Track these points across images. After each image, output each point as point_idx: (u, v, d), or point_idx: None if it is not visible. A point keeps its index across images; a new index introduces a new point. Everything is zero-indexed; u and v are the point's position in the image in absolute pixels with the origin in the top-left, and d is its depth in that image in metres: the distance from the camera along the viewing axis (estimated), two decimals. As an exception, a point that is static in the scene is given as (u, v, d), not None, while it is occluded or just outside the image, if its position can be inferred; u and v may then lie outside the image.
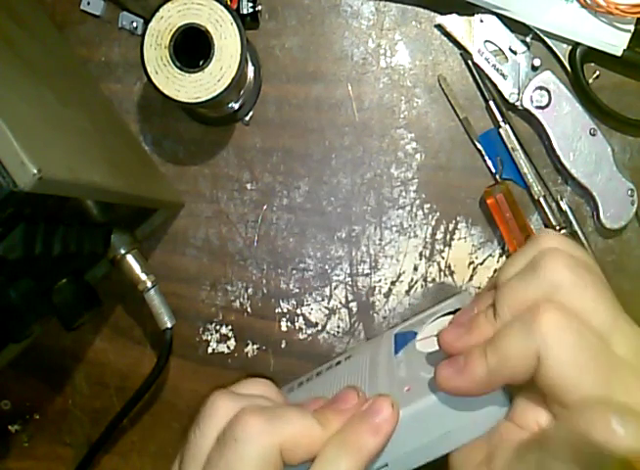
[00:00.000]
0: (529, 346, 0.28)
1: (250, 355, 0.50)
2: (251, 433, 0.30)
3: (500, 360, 0.28)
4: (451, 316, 0.36)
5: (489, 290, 0.33)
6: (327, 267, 0.49)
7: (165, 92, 0.40)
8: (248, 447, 0.29)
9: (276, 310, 0.49)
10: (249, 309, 0.50)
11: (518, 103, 0.46)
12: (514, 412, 0.31)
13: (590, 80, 0.46)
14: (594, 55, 0.45)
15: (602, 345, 0.28)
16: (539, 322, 0.27)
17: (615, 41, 0.44)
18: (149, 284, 0.44)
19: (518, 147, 0.46)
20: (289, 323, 0.49)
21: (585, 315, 0.28)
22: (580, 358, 0.27)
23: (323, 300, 0.49)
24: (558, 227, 0.46)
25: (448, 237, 0.48)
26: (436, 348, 0.33)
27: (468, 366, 0.29)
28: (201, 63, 0.40)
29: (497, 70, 0.46)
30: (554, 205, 0.46)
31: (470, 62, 0.46)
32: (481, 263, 0.47)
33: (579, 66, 0.45)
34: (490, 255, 0.47)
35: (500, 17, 0.45)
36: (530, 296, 0.29)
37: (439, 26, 0.47)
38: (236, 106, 0.47)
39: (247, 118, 0.48)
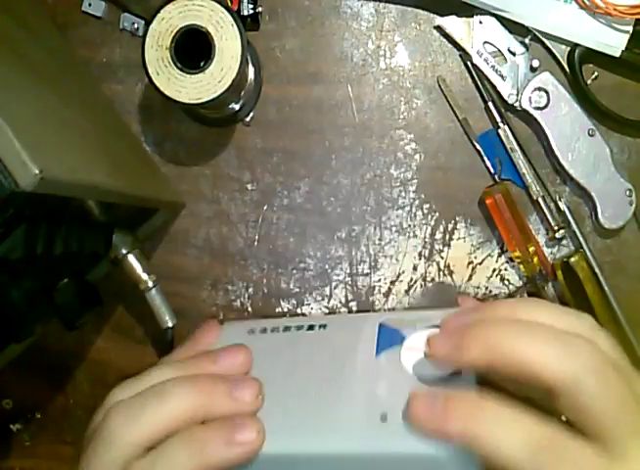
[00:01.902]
0: None
1: (250, 355, 0.50)
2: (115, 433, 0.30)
3: None
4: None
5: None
6: (327, 267, 0.49)
7: (166, 93, 0.40)
8: (107, 450, 0.30)
9: (276, 310, 0.50)
10: (249, 309, 0.50)
11: (516, 104, 0.46)
12: None
13: (589, 81, 0.46)
14: (593, 56, 0.45)
15: None
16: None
17: (613, 42, 0.44)
18: (150, 284, 0.44)
19: (516, 147, 0.46)
20: (289, 323, 0.49)
21: None
22: None
23: (323, 299, 0.49)
24: (556, 227, 0.46)
25: (447, 237, 0.48)
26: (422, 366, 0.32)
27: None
28: (201, 64, 0.40)
29: (496, 71, 0.46)
30: (552, 205, 0.47)
31: (469, 63, 0.47)
32: (480, 263, 0.48)
33: (578, 67, 0.45)
34: (489, 255, 0.48)
35: (499, 18, 0.45)
36: None
37: (439, 28, 0.47)
38: (237, 107, 0.47)
39: (247, 119, 0.49)
